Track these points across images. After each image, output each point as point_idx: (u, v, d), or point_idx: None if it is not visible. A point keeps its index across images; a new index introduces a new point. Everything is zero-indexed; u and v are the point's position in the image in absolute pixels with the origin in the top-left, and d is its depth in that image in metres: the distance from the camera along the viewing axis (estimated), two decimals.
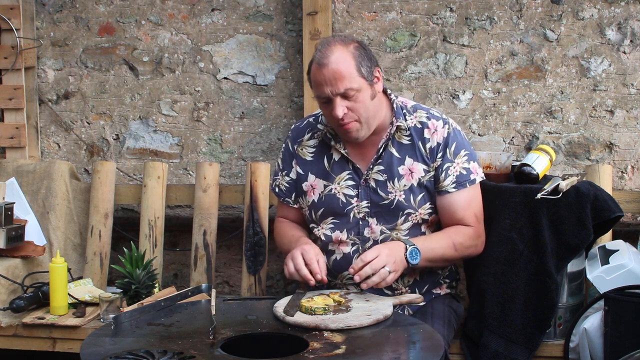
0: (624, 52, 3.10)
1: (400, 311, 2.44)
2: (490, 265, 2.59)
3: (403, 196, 2.46)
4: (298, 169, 2.58)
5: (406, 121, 2.47)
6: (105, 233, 3.24)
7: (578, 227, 2.53)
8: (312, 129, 2.57)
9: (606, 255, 2.61)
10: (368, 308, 2.19)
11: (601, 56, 3.12)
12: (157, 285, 2.84)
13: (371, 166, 2.47)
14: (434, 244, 2.43)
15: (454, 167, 2.47)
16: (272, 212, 3.12)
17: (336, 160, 2.52)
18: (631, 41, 3.09)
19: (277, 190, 2.65)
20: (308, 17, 3.21)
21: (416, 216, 2.48)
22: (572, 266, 2.62)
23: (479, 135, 3.24)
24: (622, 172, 3.15)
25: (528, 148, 3.18)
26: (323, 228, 2.54)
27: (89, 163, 3.58)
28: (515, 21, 3.17)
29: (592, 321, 2.53)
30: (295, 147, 2.59)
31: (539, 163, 2.74)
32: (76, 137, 3.59)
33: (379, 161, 2.47)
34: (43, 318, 2.79)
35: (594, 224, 2.54)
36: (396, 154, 2.47)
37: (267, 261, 3.15)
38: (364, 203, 2.48)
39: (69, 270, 2.86)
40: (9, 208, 2.97)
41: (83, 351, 1.94)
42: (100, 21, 3.51)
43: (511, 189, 2.62)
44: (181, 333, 2.06)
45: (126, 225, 3.45)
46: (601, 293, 2.49)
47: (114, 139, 3.56)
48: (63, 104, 3.59)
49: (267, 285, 3.32)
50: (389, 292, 2.47)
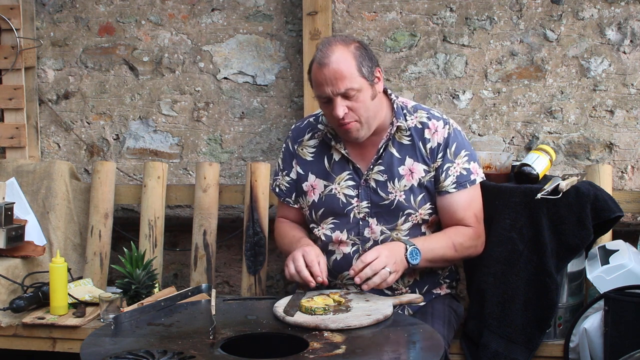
0: (624, 52, 3.10)
1: (400, 311, 2.44)
2: (490, 265, 2.59)
3: (403, 196, 2.46)
4: (298, 169, 2.58)
5: (406, 121, 2.47)
6: (105, 233, 3.24)
7: (578, 227, 2.52)
8: (313, 129, 2.57)
9: (606, 255, 2.60)
10: (368, 308, 2.19)
11: (601, 56, 3.12)
12: (157, 285, 2.84)
13: (371, 166, 2.47)
14: (434, 245, 2.43)
15: (454, 168, 2.47)
16: (272, 212, 3.12)
17: (336, 160, 2.51)
18: (631, 41, 3.09)
19: (278, 190, 2.64)
20: (308, 17, 3.21)
21: (416, 216, 2.48)
22: (572, 266, 2.62)
23: (479, 135, 3.24)
24: (622, 172, 3.15)
25: (528, 148, 3.18)
26: (323, 228, 2.54)
27: (89, 163, 3.57)
28: (515, 21, 3.17)
29: (592, 321, 2.53)
30: (295, 147, 2.59)
31: (539, 163, 2.74)
32: (76, 137, 3.59)
33: (379, 161, 2.47)
34: (43, 318, 2.79)
35: (594, 224, 2.54)
36: (396, 154, 2.47)
37: (267, 261, 3.15)
38: (364, 203, 2.48)
39: (69, 270, 2.86)
40: (9, 208, 2.97)
41: (83, 351, 1.94)
42: (100, 21, 3.51)
43: (511, 189, 2.62)
44: (181, 333, 2.06)
45: (126, 225, 3.45)
46: (601, 293, 2.49)
47: (114, 139, 3.56)
48: (63, 104, 3.59)
49: (267, 285, 3.32)
50: (389, 292, 2.46)
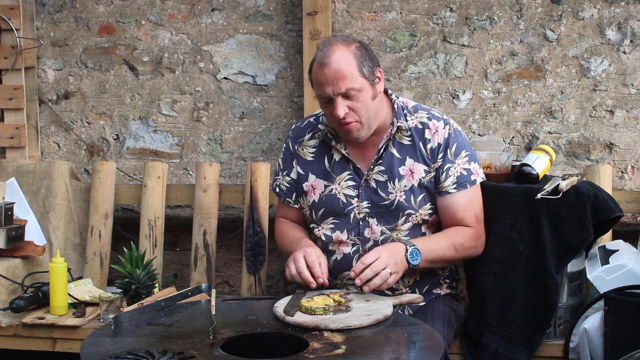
0: (624, 52, 3.10)
1: (400, 311, 2.44)
2: (490, 265, 2.59)
3: (403, 197, 2.46)
4: (299, 169, 2.58)
5: (407, 122, 2.47)
6: (105, 233, 3.24)
7: (578, 227, 2.52)
8: (313, 129, 2.57)
9: (606, 255, 2.60)
10: (368, 308, 2.19)
11: (601, 56, 3.12)
12: (157, 285, 2.84)
13: (372, 166, 2.47)
14: (434, 245, 2.43)
15: (455, 168, 2.47)
16: (272, 212, 3.12)
17: (337, 160, 2.51)
18: (631, 41, 3.09)
19: (278, 190, 2.64)
20: (308, 17, 3.21)
21: (416, 217, 2.48)
22: (572, 266, 2.62)
23: (479, 135, 3.24)
24: (622, 172, 3.15)
25: (528, 148, 3.18)
26: (323, 228, 2.54)
27: (89, 163, 3.57)
28: (515, 21, 3.17)
29: (592, 321, 2.53)
30: (295, 147, 2.59)
31: (539, 163, 2.74)
32: (76, 137, 3.59)
33: (380, 161, 2.47)
34: (43, 318, 2.79)
35: (594, 224, 2.54)
36: (397, 155, 2.47)
37: (267, 261, 3.15)
38: (365, 203, 2.48)
39: (69, 270, 2.86)
40: (9, 208, 2.97)
41: (83, 351, 1.94)
42: (100, 21, 3.51)
43: (511, 189, 2.62)
44: (181, 333, 2.06)
45: (126, 225, 3.45)
46: (601, 293, 2.49)
47: (114, 139, 3.56)
48: (63, 104, 3.59)
49: (267, 285, 3.32)
50: (389, 292, 2.46)
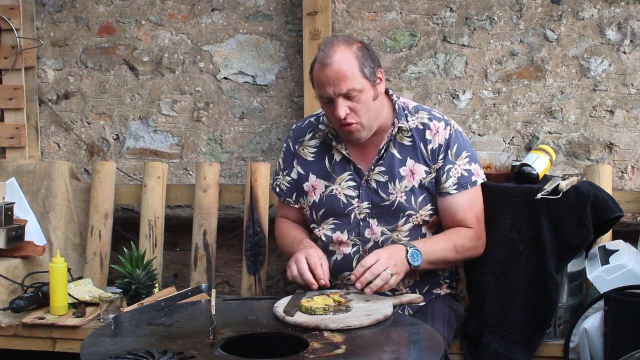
0: (624, 52, 3.10)
1: (400, 311, 2.44)
2: (490, 265, 2.59)
3: (404, 197, 2.46)
4: (299, 169, 2.58)
5: (408, 122, 2.47)
6: (105, 233, 3.24)
7: (578, 227, 2.52)
8: (314, 129, 2.57)
9: (606, 255, 2.60)
10: (368, 308, 2.19)
11: (601, 56, 3.12)
12: (157, 285, 2.84)
13: (372, 167, 2.47)
14: (435, 246, 2.43)
15: (455, 169, 2.47)
16: (272, 212, 3.12)
17: (337, 160, 2.51)
18: (631, 41, 3.09)
19: (278, 190, 2.64)
20: (308, 17, 3.21)
21: (417, 217, 2.48)
22: (572, 266, 2.62)
23: (479, 135, 3.24)
24: (622, 172, 3.15)
25: (528, 148, 3.18)
26: (324, 228, 2.54)
27: (89, 163, 3.57)
28: (515, 21, 3.17)
29: (592, 321, 2.53)
30: (296, 147, 2.59)
31: (539, 163, 2.73)
32: (76, 137, 3.59)
33: (380, 162, 2.46)
34: (43, 318, 2.79)
35: (594, 224, 2.54)
36: (397, 155, 2.47)
37: (267, 261, 3.15)
38: (365, 204, 2.48)
39: (69, 270, 2.86)
40: (9, 208, 2.97)
41: (83, 351, 1.94)
42: (100, 21, 3.51)
43: (511, 189, 2.62)
44: (181, 333, 2.06)
45: (126, 225, 3.45)
46: (601, 293, 2.49)
47: (114, 139, 3.56)
48: (63, 104, 3.59)
49: (267, 285, 3.32)
50: (389, 293, 2.46)
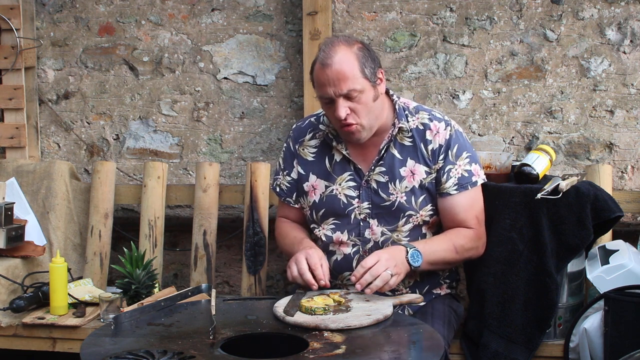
0: (624, 52, 3.10)
1: (400, 311, 2.44)
2: (490, 265, 2.59)
3: (404, 198, 2.46)
4: (299, 169, 2.58)
5: (408, 122, 2.47)
6: (105, 233, 3.24)
7: (578, 227, 2.52)
8: (314, 129, 2.57)
9: (606, 255, 2.60)
10: (368, 308, 2.19)
11: (601, 56, 3.12)
12: (157, 285, 2.84)
13: (372, 167, 2.47)
14: (435, 247, 2.43)
15: (456, 169, 2.47)
16: (272, 212, 3.12)
17: (337, 160, 2.51)
18: (631, 41, 3.09)
19: (278, 189, 2.64)
20: (308, 17, 3.21)
21: (417, 218, 2.48)
22: (572, 266, 2.62)
23: (479, 135, 3.23)
24: (622, 172, 3.15)
25: (528, 148, 3.18)
26: (324, 229, 2.54)
27: (89, 163, 3.57)
28: (515, 21, 3.17)
29: (592, 321, 2.53)
30: (296, 147, 2.58)
31: (539, 163, 2.73)
32: (76, 137, 3.59)
33: (381, 162, 2.46)
34: (43, 318, 2.79)
35: (594, 224, 2.54)
36: (398, 156, 2.46)
37: (267, 261, 3.15)
38: (365, 204, 2.48)
39: (69, 270, 2.86)
40: (9, 208, 2.97)
41: (83, 351, 1.94)
42: (100, 21, 3.51)
43: (511, 189, 2.62)
44: (181, 333, 2.06)
45: (126, 225, 3.45)
46: (601, 293, 2.49)
47: (114, 139, 3.56)
48: (63, 104, 3.59)
49: (267, 285, 3.32)
50: (389, 293, 2.46)
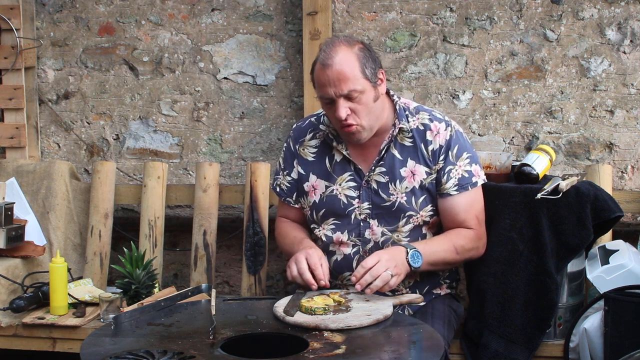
0: (624, 52, 3.10)
1: (400, 311, 2.44)
2: (490, 265, 2.59)
3: (405, 198, 2.46)
4: (299, 169, 2.58)
5: (408, 123, 2.47)
6: (105, 233, 3.24)
7: (578, 227, 2.52)
8: (314, 129, 2.57)
9: (606, 255, 2.60)
10: (368, 308, 2.19)
11: (601, 56, 3.12)
12: (157, 285, 2.84)
13: (373, 168, 2.47)
14: (435, 247, 2.43)
15: (456, 170, 2.47)
16: (272, 212, 3.12)
17: (338, 161, 2.51)
18: (631, 41, 3.09)
19: (278, 189, 2.64)
20: (308, 17, 3.21)
21: (417, 218, 2.48)
22: (572, 266, 2.62)
23: (479, 135, 3.24)
24: (622, 172, 3.15)
25: (528, 148, 3.18)
26: (324, 229, 2.54)
27: (89, 163, 3.57)
28: (515, 21, 3.17)
29: (592, 321, 2.53)
30: (296, 147, 2.58)
31: (539, 163, 2.74)
32: (76, 137, 3.59)
33: (381, 163, 2.46)
34: (43, 318, 2.79)
35: (594, 224, 2.54)
36: (398, 156, 2.46)
37: (267, 261, 3.15)
38: (366, 204, 2.48)
39: (69, 270, 2.86)
40: (9, 208, 2.97)
41: (83, 351, 1.94)
42: (100, 21, 3.51)
43: (511, 189, 2.62)
44: (181, 333, 2.06)
45: (126, 225, 3.45)
46: (601, 293, 2.49)
47: (114, 139, 3.56)
48: (63, 104, 3.59)
49: (267, 285, 3.32)
50: (389, 293, 2.46)
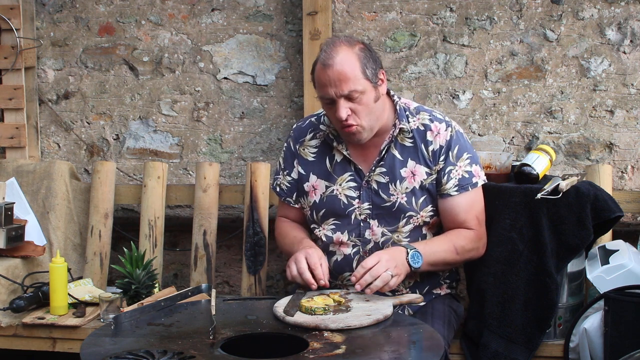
0: (624, 52, 3.10)
1: (400, 311, 2.44)
2: (490, 265, 2.59)
3: (405, 199, 2.46)
4: (300, 169, 2.58)
5: (409, 123, 2.47)
6: (105, 233, 3.24)
7: (578, 227, 2.52)
8: (314, 129, 2.57)
9: (606, 255, 2.60)
10: (368, 308, 2.19)
11: (601, 56, 3.12)
12: (157, 285, 2.84)
13: (373, 168, 2.46)
14: (436, 248, 2.42)
15: (457, 170, 2.47)
16: (272, 212, 3.12)
17: (338, 161, 2.51)
18: (631, 41, 3.09)
19: (278, 189, 2.64)
20: (308, 17, 3.21)
21: (418, 219, 2.48)
22: (572, 266, 2.62)
23: (479, 135, 3.24)
24: (622, 172, 3.15)
25: (528, 148, 3.18)
26: (324, 229, 2.54)
27: (89, 163, 3.57)
28: (515, 21, 3.17)
29: (592, 321, 2.53)
30: (297, 147, 2.58)
31: (539, 163, 2.74)
32: (76, 137, 3.59)
33: (381, 163, 2.46)
34: (43, 318, 2.79)
35: (594, 224, 2.54)
36: (398, 156, 2.46)
37: (267, 261, 3.15)
38: (366, 205, 2.48)
39: (69, 270, 2.86)
40: (9, 208, 2.97)
41: (83, 351, 1.94)
42: (100, 21, 3.51)
43: (511, 189, 2.62)
44: (181, 333, 2.06)
45: (126, 225, 3.45)
46: (601, 293, 2.49)
47: (114, 139, 3.56)
48: (63, 104, 3.59)
49: (267, 285, 3.32)
50: (389, 293, 2.46)
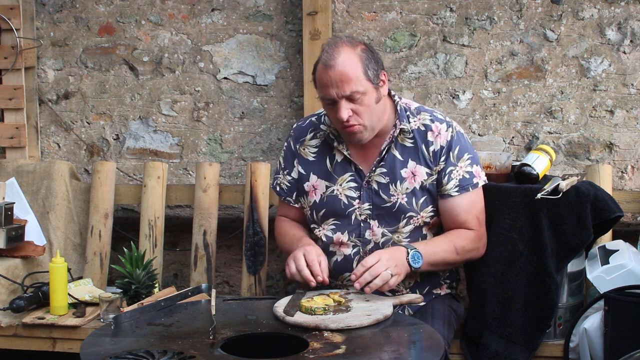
0: (624, 52, 3.10)
1: (400, 311, 2.44)
2: (490, 265, 2.59)
3: (405, 199, 2.46)
4: (300, 169, 2.58)
5: (409, 123, 2.46)
6: (105, 233, 3.24)
7: (578, 227, 2.52)
8: (315, 129, 2.57)
9: (606, 255, 2.60)
10: (368, 308, 2.19)
11: (601, 56, 3.12)
12: (157, 285, 2.84)
13: (373, 168, 2.46)
14: (436, 248, 2.42)
15: (457, 171, 2.46)
16: (272, 212, 3.12)
17: (338, 161, 2.51)
18: (631, 41, 3.09)
19: (278, 189, 2.64)
20: (308, 17, 3.21)
21: (418, 219, 2.48)
22: (572, 266, 2.62)
23: (479, 135, 3.24)
24: (622, 172, 3.15)
25: (528, 148, 3.18)
26: (324, 229, 2.54)
27: (89, 163, 3.58)
28: (515, 21, 3.17)
29: (592, 321, 2.53)
30: (297, 147, 2.58)
31: (539, 163, 2.74)
32: (76, 137, 3.59)
33: (382, 163, 2.46)
34: (43, 318, 2.79)
35: (594, 224, 2.54)
36: (399, 157, 2.46)
37: (267, 261, 3.15)
38: (366, 205, 2.48)
39: (69, 270, 2.86)
40: (9, 208, 2.97)
41: (83, 351, 1.94)
42: (100, 21, 3.51)
43: (511, 189, 2.62)
44: (181, 333, 2.06)
45: (126, 225, 3.45)
46: (601, 293, 2.49)
47: (114, 139, 3.56)
48: (63, 104, 3.59)
49: (267, 285, 3.32)
50: (389, 293, 2.46)
